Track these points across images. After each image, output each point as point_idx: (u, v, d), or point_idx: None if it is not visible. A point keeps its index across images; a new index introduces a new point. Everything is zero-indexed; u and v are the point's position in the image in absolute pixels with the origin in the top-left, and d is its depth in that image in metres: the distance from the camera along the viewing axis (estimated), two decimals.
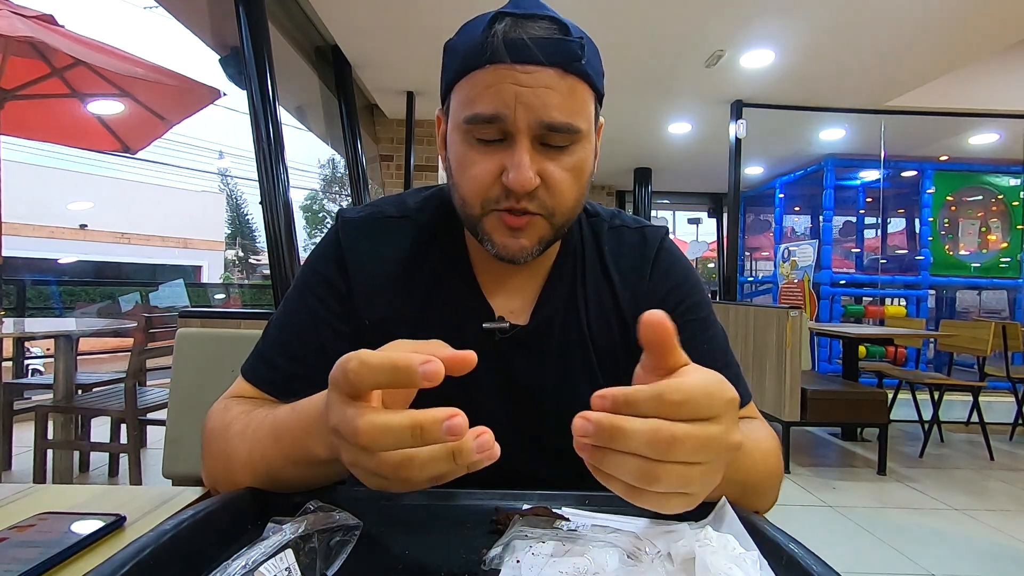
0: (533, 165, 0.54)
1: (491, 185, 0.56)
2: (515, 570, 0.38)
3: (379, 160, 5.07)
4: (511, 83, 0.52)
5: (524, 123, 0.53)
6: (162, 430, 1.17)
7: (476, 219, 0.58)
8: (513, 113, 0.53)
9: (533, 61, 0.52)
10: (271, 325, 0.65)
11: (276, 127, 2.53)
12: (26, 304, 4.77)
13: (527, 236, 0.57)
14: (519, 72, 0.52)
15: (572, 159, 0.56)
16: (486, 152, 0.56)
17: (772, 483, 0.57)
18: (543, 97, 0.52)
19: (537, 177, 0.54)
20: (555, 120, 0.53)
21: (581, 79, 0.55)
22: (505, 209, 0.56)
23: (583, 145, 0.57)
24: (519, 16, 0.53)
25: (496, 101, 0.53)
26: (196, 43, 3.49)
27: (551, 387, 0.65)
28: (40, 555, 0.41)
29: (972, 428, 4.05)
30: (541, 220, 0.57)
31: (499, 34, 0.52)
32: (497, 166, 0.55)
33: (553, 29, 0.53)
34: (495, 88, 0.53)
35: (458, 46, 0.57)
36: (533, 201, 0.56)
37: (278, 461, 0.49)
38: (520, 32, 0.52)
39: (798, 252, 5.85)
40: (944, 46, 3.47)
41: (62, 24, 2.77)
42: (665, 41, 3.54)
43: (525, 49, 0.52)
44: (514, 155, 0.54)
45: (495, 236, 0.58)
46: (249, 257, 28.78)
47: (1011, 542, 2.35)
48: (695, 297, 0.69)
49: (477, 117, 0.54)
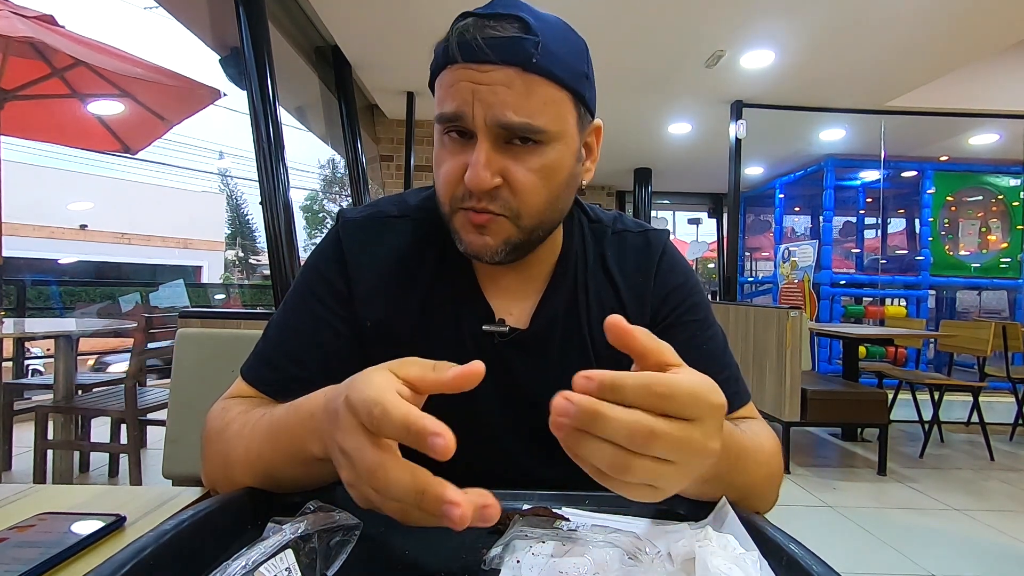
0: (493, 164, 0.54)
1: (457, 183, 0.56)
2: (515, 570, 0.38)
3: (379, 160, 5.07)
4: (468, 81, 0.53)
5: (481, 120, 0.53)
6: (162, 430, 1.17)
7: (448, 217, 0.59)
8: (471, 110, 0.53)
9: (484, 60, 0.52)
10: (271, 325, 0.65)
11: (276, 127, 2.52)
12: (26, 304, 4.77)
13: (491, 235, 0.57)
14: (475, 71, 0.53)
15: (540, 160, 0.56)
16: (454, 151, 0.57)
17: (772, 484, 0.57)
18: (499, 95, 0.52)
19: (497, 177, 0.55)
20: (511, 120, 0.53)
21: (544, 78, 0.54)
22: (469, 208, 0.56)
23: (554, 146, 0.56)
24: (481, 16, 0.54)
25: (457, 99, 0.54)
26: (196, 43, 3.49)
27: (550, 390, 0.65)
28: (40, 555, 0.41)
29: (972, 428, 4.05)
30: (504, 221, 0.57)
31: (454, 35, 0.53)
32: (463, 164, 0.55)
33: (513, 28, 0.53)
34: (455, 87, 0.54)
35: (437, 47, 0.58)
36: (495, 201, 0.56)
37: (276, 460, 0.49)
38: (475, 32, 0.52)
39: (798, 252, 5.85)
40: (944, 46, 3.48)
41: (62, 24, 2.77)
42: (665, 41, 3.54)
43: (476, 49, 0.52)
44: (473, 154, 0.54)
45: (462, 233, 0.58)
46: (249, 257, 28.76)
47: (1011, 542, 2.34)
48: (695, 298, 0.69)
49: (443, 116, 0.55)
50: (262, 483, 0.51)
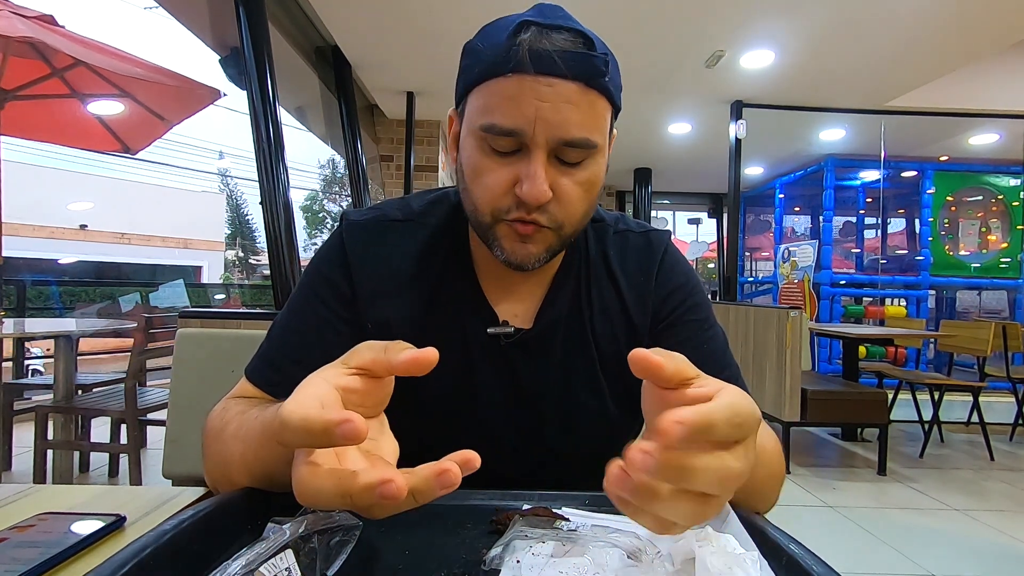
0: (547, 178, 0.54)
1: (503, 195, 0.55)
2: (515, 570, 0.38)
3: (379, 160, 5.07)
4: (532, 97, 0.51)
5: (542, 138, 0.53)
6: (162, 430, 1.17)
7: (487, 226, 0.58)
8: (532, 128, 0.52)
9: (557, 74, 0.51)
10: (275, 327, 0.65)
11: (276, 127, 2.52)
12: (26, 304, 4.77)
13: (535, 243, 0.57)
14: (541, 85, 0.51)
15: (585, 173, 0.56)
16: (501, 161, 0.55)
17: (774, 485, 0.57)
18: (563, 112, 0.52)
19: (550, 190, 0.54)
20: (573, 136, 0.53)
21: (602, 94, 0.54)
22: (516, 219, 0.56)
23: (596, 159, 0.57)
24: (545, 26, 0.52)
25: (516, 114, 0.52)
26: (196, 43, 3.48)
27: (554, 391, 0.65)
28: (40, 555, 0.41)
29: (972, 428, 4.05)
30: (549, 232, 0.57)
31: (525, 43, 0.51)
32: (511, 176, 0.55)
33: (579, 42, 0.52)
34: (516, 100, 0.52)
35: (479, 49, 0.55)
36: (544, 214, 0.56)
37: (270, 459, 0.49)
38: (546, 43, 0.51)
39: (798, 252, 5.85)
40: (944, 46, 3.47)
41: (62, 24, 2.77)
42: (665, 41, 3.54)
43: (550, 61, 0.51)
44: (529, 167, 0.53)
45: (504, 243, 0.58)
46: (249, 257, 28.75)
47: (1011, 542, 2.34)
48: (696, 298, 0.69)
49: (495, 128, 0.53)
50: (259, 483, 0.51)
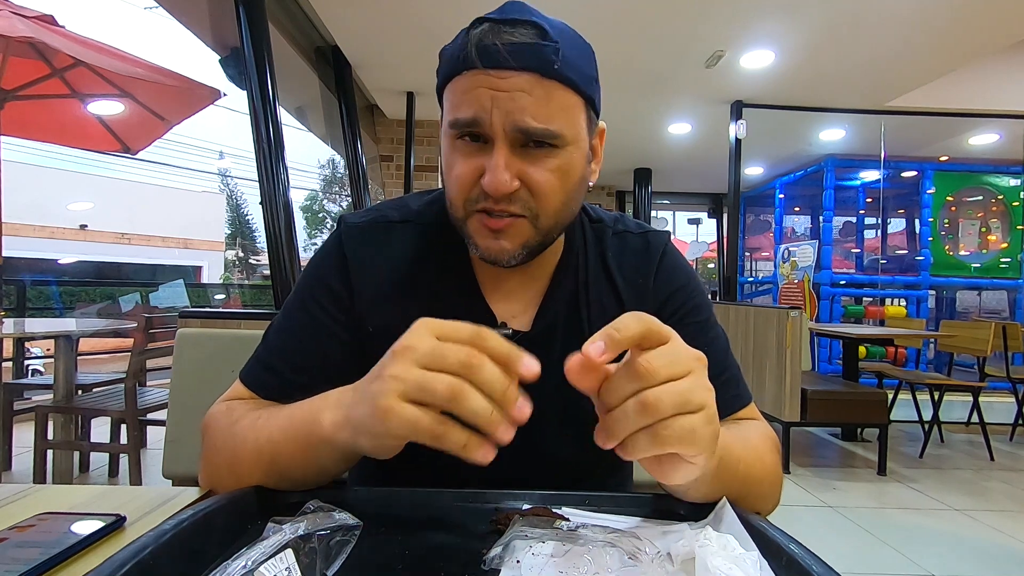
0: (511, 168, 0.54)
1: (472, 186, 0.57)
2: (515, 570, 0.38)
3: (379, 160, 5.07)
4: (486, 87, 0.53)
5: (500, 126, 0.53)
6: (162, 430, 1.17)
7: (461, 221, 0.59)
8: (490, 117, 0.53)
9: (504, 67, 0.52)
10: (271, 330, 0.65)
11: (276, 127, 2.52)
12: (26, 304, 4.77)
13: (508, 239, 0.58)
14: (494, 77, 0.53)
15: (555, 162, 0.56)
16: (468, 154, 0.56)
17: (770, 481, 0.57)
18: (519, 101, 0.53)
19: (516, 180, 0.55)
20: (530, 125, 0.53)
21: (561, 84, 0.54)
22: (483, 209, 0.56)
23: (568, 150, 0.57)
24: (498, 22, 0.54)
25: (474, 105, 0.54)
26: (196, 43, 3.48)
27: (551, 393, 0.65)
28: (40, 555, 0.40)
29: (972, 428, 4.05)
30: (524, 222, 0.57)
31: (473, 40, 0.53)
32: (477, 168, 0.56)
33: (531, 34, 0.53)
34: (472, 93, 0.54)
35: (445, 52, 0.58)
36: (515, 203, 0.56)
37: (285, 444, 0.50)
38: (494, 38, 0.52)
39: (798, 252, 5.85)
40: (944, 46, 3.47)
41: (62, 24, 2.77)
42: (665, 41, 3.54)
43: (497, 55, 0.52)
44: (491, 158, 0.54)
45: (478, 239, 0.58)
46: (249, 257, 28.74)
47: (1011, 542, 2.35)
48: (696, 300, 0.69)
49: (458, 122, 0.55)
50: (266, 473, 0.51)
